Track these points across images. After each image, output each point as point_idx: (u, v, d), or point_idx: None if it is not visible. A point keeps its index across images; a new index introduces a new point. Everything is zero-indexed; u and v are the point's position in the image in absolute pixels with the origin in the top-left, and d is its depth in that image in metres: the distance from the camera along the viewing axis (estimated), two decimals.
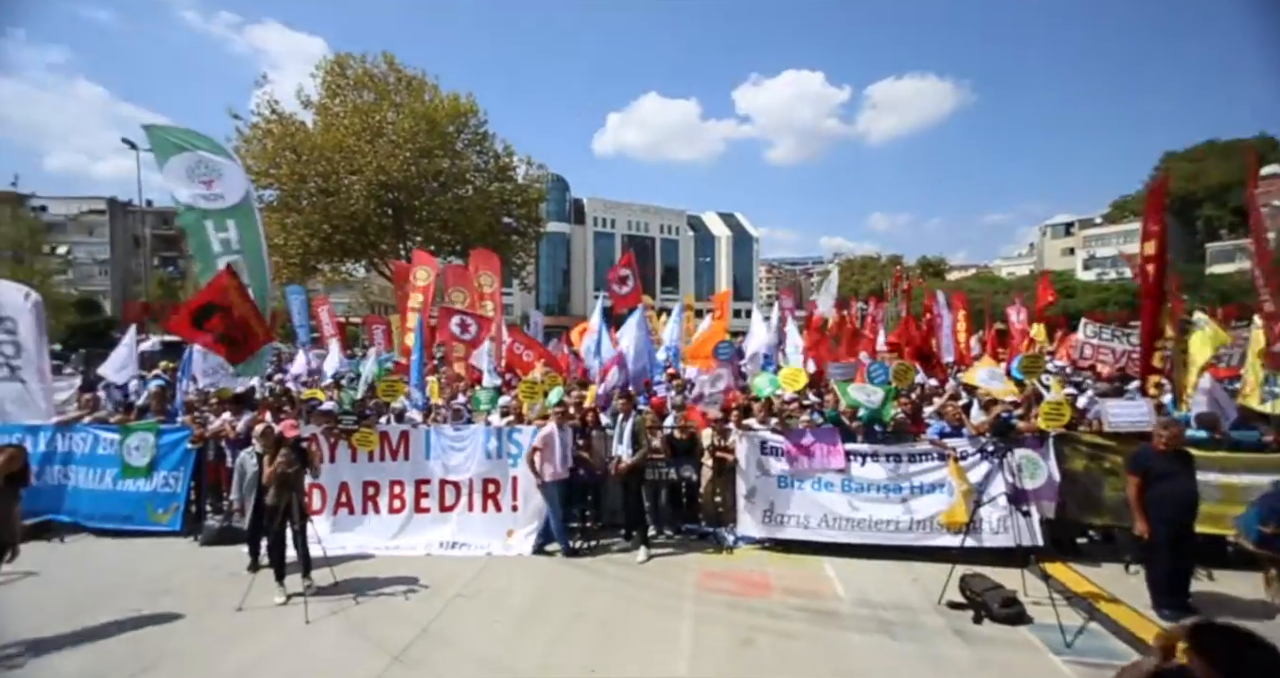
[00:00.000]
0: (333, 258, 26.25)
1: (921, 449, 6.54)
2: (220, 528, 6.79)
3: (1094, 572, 5.74)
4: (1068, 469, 6.19)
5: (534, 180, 29.16)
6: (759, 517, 6.75)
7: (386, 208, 25.24)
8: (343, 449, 6.90)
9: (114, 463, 7.11)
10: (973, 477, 6.21)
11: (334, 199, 23.43)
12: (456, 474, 6.98)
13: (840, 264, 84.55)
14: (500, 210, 27.73)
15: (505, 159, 27.62)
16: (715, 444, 7.27)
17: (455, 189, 26.15)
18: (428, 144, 23.96)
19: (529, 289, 41.60)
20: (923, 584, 5.61)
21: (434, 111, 24.37)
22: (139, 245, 55.51)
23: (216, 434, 7.25)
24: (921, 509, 6.37)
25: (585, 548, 6.74)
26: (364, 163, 22.90)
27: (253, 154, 23.09)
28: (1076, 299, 38.66)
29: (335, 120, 23.67)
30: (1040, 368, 8.33)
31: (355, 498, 6.89)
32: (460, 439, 7.06)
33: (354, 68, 24.77)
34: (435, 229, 26.13)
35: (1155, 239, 6.69)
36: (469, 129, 26.24)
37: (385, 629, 4.79)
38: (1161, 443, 5.06)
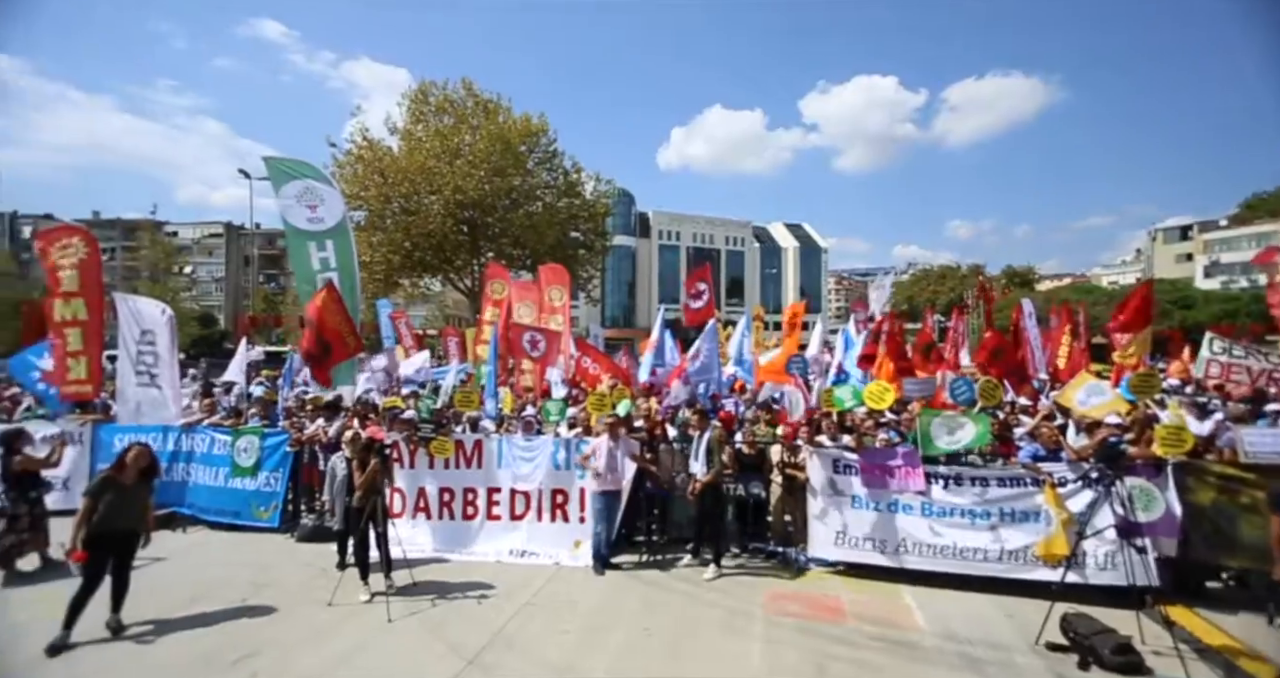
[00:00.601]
0: (413, 273, 27.90)
1: (1013, 473, 6.05)
2: (313, 526, 7.30)
3: (1229, 621, 5.05)
4: (1192, 503, 5.51)
5: (601, 196, 29.83)
6: (832, 538, 6.46)
7: (462, 225, 26.59)
8: (421, 456, 7.25)
9: (226, 462, 7.82)
10: (1073, 506, 5.66)
11: (415, 218, 24.98)
12: (526, 484, 7.14)
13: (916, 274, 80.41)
14: (568, 225, 28.54)
15: (574, 175, 28.47)
16: (785, 461, 7.05)
17: (526, 206, 27.19)
18: (501, 163, 25.11)
19: (594, 302, 42.40)
20: (1017, 621, 5.16)
21: (507, 132, 25.55)
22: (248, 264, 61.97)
23: (311, 439, 7.83)
24: (1013, 538, 5.88)
25: (650, 561, 6.70)
26: (443, 183, 24.31)
27: (345, 178, 25.06)
28: (1195, 310, 34.76)
29: (418, 144, 25.30)
30: (1154, 387, 7.53)
31: (432, 503, 7.19)
32: (530, 449, 7.24)
33: (435, 94, 26.43)
34: (507, 245, 27.21)
35: None
36: (540, 147, 27.28)
37: (460, 632, 4.95)
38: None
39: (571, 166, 28.36)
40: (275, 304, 47.18)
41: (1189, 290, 43.62)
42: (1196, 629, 4.88)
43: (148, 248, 46.24)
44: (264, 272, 63.74)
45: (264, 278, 63.09)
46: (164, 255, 46.29)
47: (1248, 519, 5.24)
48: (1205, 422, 7.27)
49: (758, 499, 7.10)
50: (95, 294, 8.60)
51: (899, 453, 6.41)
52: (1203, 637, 4.76)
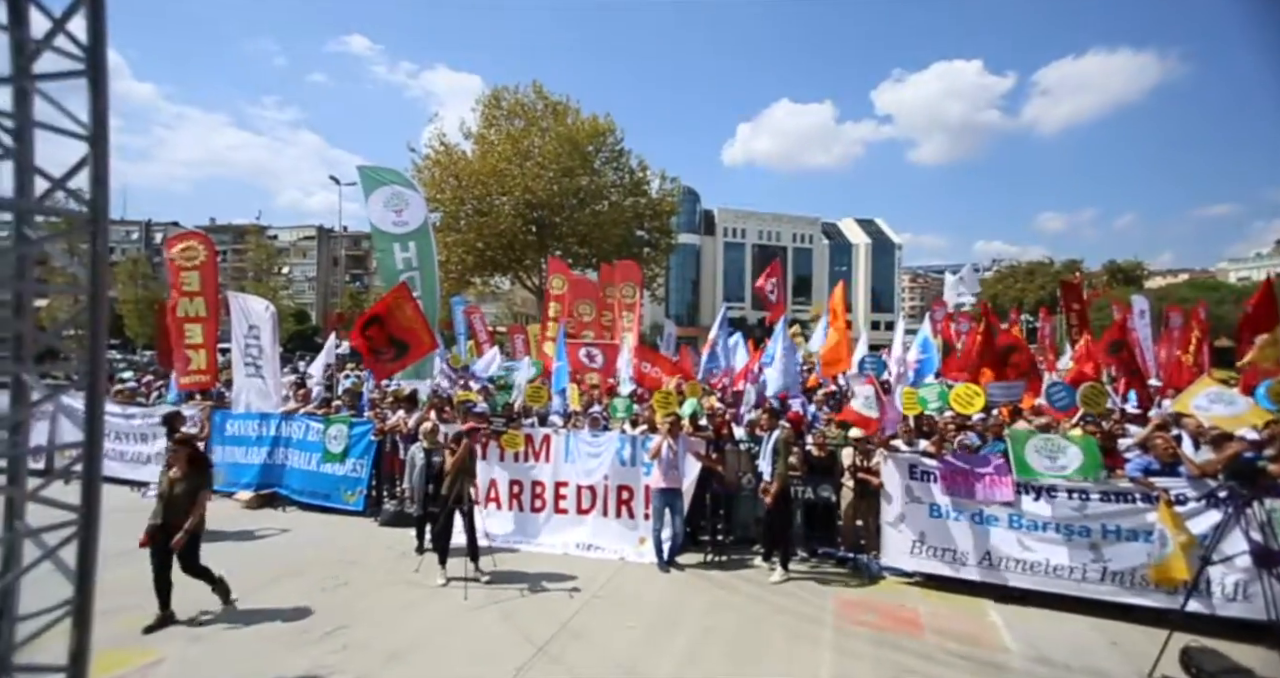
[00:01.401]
0: (484, 272, 29.03)
1: (1118, 487, 5.51)
2: (394, 512, 7.75)
3: None
4: None
5: (667, 194, 29.83)
6: (908, 547, 6.15)
7: (531, 225, 27.38)
8: (493, 449, 7.53)
9: (318, 449, 8.45)
10: (1195, 527, 5.08)
11: (486, 219, 25.98)
12: (592, 479, 7.26)
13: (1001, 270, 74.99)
14: (634, 224, 28.74)
15: (640, 174, 28.64)
16: (857, 465, 6.78)
17: (593, 205, 27.63)
18: (569, 164, 25.66)
19: (659, 301, 42.46)
20: (1123, 649, 4.71)
21: (575, 133, 26.06)
22: (336, 264, 66.90)
23: (393, 429, 8.31)
24: (1119, 558, 5.36)
25: (715, 561, 6.64)
26: (513, 184, 25.13)
27: (423, 182, 26.43)
28: None
29: (490, 147, 26.27)
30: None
31: (502, 494, 7.46)
32: (596, 445, 7.35)
33: (507, 99, 27.34)
34: (574, 244, 27.76)
35: None
36: (607, 147, 27.63)
37: (530, 621, 5.10)
38: None
39: (638, 165, 28.56)
40: (360, 302, 50.45)
41: None
42: None
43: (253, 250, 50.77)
44: (350, 271, 68.43)
45: (350, 277, 67.71)
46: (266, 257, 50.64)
47: None
48: None
49: (827, 503, 6.87)
50: (213, 293, 9.55)
51: (988, 460, 6.00)
52: None
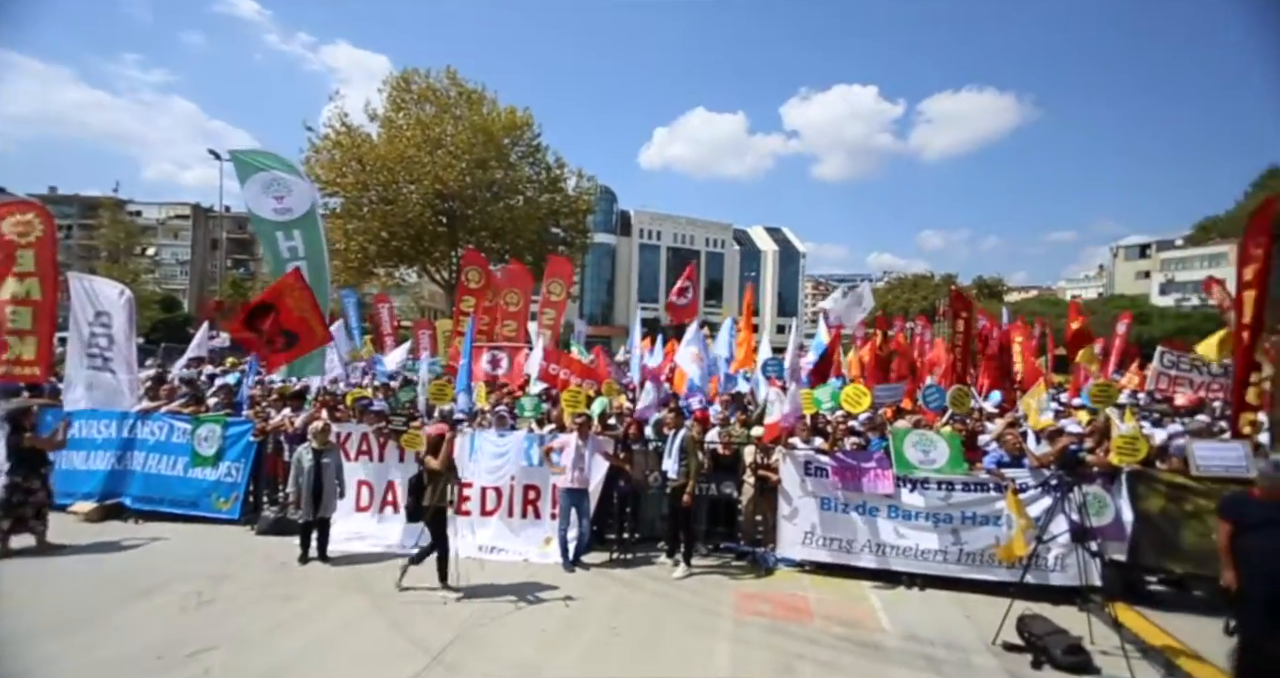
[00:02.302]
0: (389, 263, 27.39)
1: (977, 479, 6.22)
2: (275, 519, 7.11)
3: (1174, 623, 5.27)
4: (1142, 509, 5.75)
5: (583, 192, 29.71)
6: (800, 538, 6.56)
7: (441, 216, 26.21)
8: (391, 449, 7.12)
9: (185, 451, 7.56)
10: (1033, 511, 5.84)
11: (393, 207, 24.54)
12: (498, 479, 7.08)
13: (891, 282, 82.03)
14: (549, 220, 28.35)
15: (556, 171, 28.30)
16: (758, 462, 7.13)
17: (507, 199, 26.93)
18: (483, 155, 24.82)
19: (573, 299, 42.28)
20: (975, 621, 5.31)
21: (491, 124, 25.26)
22: (216, 248, 59.94)
23: (277, 428, 7.62)
24: (973, 541, 6.07)
25: (621, 560, 6.71)
26: (422, 172, 23.91)
27: (322, 164, 24.47)
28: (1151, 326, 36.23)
29: (398, 132, 24.84)
30: (1112, 397, 7.82)
31: (401, 497, 7.07)
32: (502, 445, 7.18)
33: (418, 82, 25.97)
34: (486, 238, 26.92)
35: (1258, 263, 6.11)
36: (523, 141, 27.05)
37: (424, 629, 4.87)
38: (1260, 491, 4.63)
39: (554, 162, 28.21)
40: (245, 290, 45.78)
41: (1146, 306, 45.50)
42: (1141, 630, 5.09)
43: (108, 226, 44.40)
44: (233, 256, 61.86)
45: (233, 263, 61.22)
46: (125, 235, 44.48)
47: (1190, 526, 5.49)
48: (1159, 431, 7.61)
49: (730, 499, 7.16)
50: (51, 273, 8.21)
51: (871, 456, 6.54)
52: (1147, 638, 4.96)
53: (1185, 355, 10.04)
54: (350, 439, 7.24)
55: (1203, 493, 5.49)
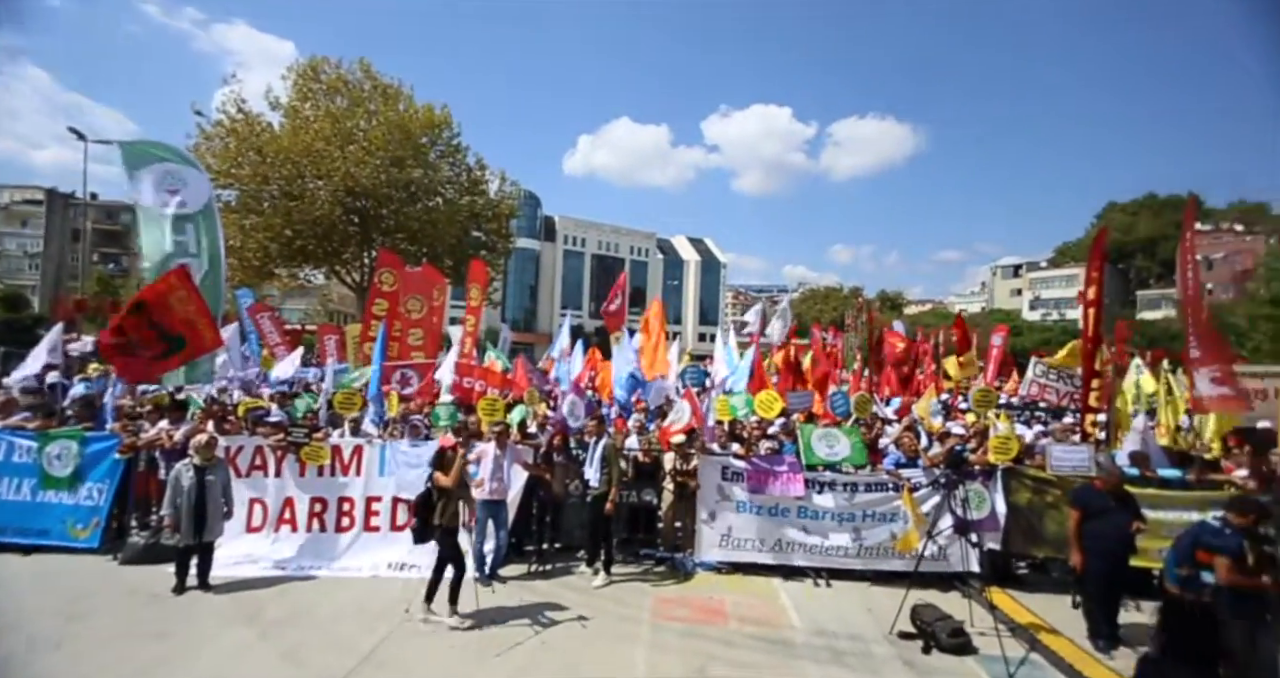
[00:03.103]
0: (292, 262, 25.41)
1: (879, 479, 6.70)
2: (146, 545, 6.32)
3: (1036, 602, 5.93)
4: (1013, 502, 6.43)
5: (506, 196, 29.08)
6: (717, 541, 6.77)
7: (353, 215, 24.68)
8: (290, 463, 6.59)
9: (32, 473, 6.58)
10: (925, 507, 6.38)
11: (298, 203, 22.80)
12: (411, 492, 6.72)
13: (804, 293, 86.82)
14: (470, 224, 27.47)
15: (478, 173, 27.51)
16: (677, 468, 7.26)
17: (425, 200, 25.81)
18: (399, 153, 23.66)
19: (494, 305, 41.13)
20: (876, 614, 5.69)
21: (408, 121, 24.14)
22: (78, 240, 52.52)
23: (150, 444, 6.82)
24: (872, 537, 6.54)
25: (540, 571, 6.59)
26: (332, 168, 22.42)
27: (214, 152, 22.33)
28: (1023, 338, 40.69)
29: (305, 124, 23.16)
30: (992, 402, 8.70)
31: (300, 515, 6.56)
32: (416, 456, 6.85)
33: (328, 73, 24.40)
34: (402, 240, 25.64)
35: (1095, 284, 7.15)
36: (442, 141, 26.05)
37: (324, 657, 4.53)
38: (1100, 482, 5.34)
39: (476, 163, 27.40)
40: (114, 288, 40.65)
41: (1019, 320, 51.19)
42: (1011, 610, 5.69)
43: None
44: (100, 249, 54.92)
45: (99, 257, 54.32)
46: None
47: (1051, 516, 6.22)
48: (1028, 431, 8.56)
49: (650, 506, 7.24)
50: None
51: (784, 460, 6.86)
52: (1015, 617, 5.56)
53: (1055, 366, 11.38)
54: (241, 453, 6.63)
55: (1060, 486, 6.23)
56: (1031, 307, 61.93)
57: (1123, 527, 5.08)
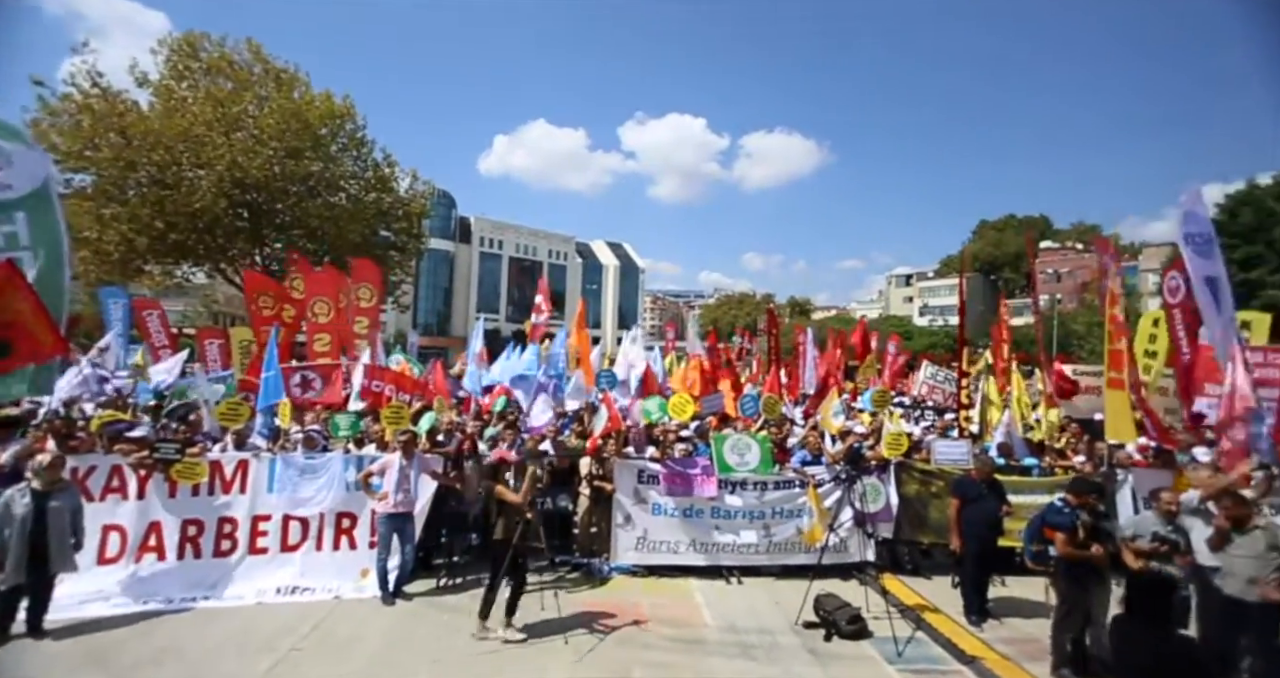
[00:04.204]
0: (165, 258, 22.74)
1: (786, 477, 7.02)
2: None
3: (923, 585, 6.47)
4: (904, 494, 6.98)
5: (417, 195, 27.74)
6: (633, 544, 6.79)
7: (241, 209, 22.51)
8: (158, 483, 5.86)
9: None
10: (828, 502, 6.77)
11: (172, 193, 20.40)
12: (306, 508, 6.24)
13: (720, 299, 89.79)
14: (377, 222, 25.92)
15: (386, 169, 26.02)
16: (593, 473, 7.23)
17: (327, 196, 24.05)
18: (296, 144, 21.85)
19: (404, 309, 39.02)
20: (783, 606, 5.94)
21: (305, 110, 22.33)
22: None
23: None
24: (780, 533, 6.83)
25: (449, 585, 6.31)
26: (215, 156, 20.28)
27: (60, 130, 19.53)
28: (914, 342, 44.52)
29: (181, 105, 20.81)
30: (888, 402, 9.41)
31: (169, 541, 5.84)
32: (313, 469, 6.35)
33: (209, 50, 22.10)
34: (300, 237, 23.71)
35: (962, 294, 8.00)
36: (345, 133, 24.40)
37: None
38: (975, 472, 5.94)
39: (384, 159, 25.92)
40: None
41: (911, 325, 56.00)
42: (901, 594, 6.17)
43: None
44: None
45: None
46: None
47: (935, 505, 6.81)
48: (917, 427, 9.35)
49: (565, 512, 7.15)
50: None
51: (698, 463, 7.02)
52: (904, 599, 6.03)
53: (943, 368, 12.55)
54: (94, 474, 5.80)
55: (942, 477, 6.85)
56: (921, 313, 67.85)
57: (993, 512, 5.68)
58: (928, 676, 4.70)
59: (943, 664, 4.87)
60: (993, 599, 5.84)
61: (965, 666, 4.84)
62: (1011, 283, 63.42)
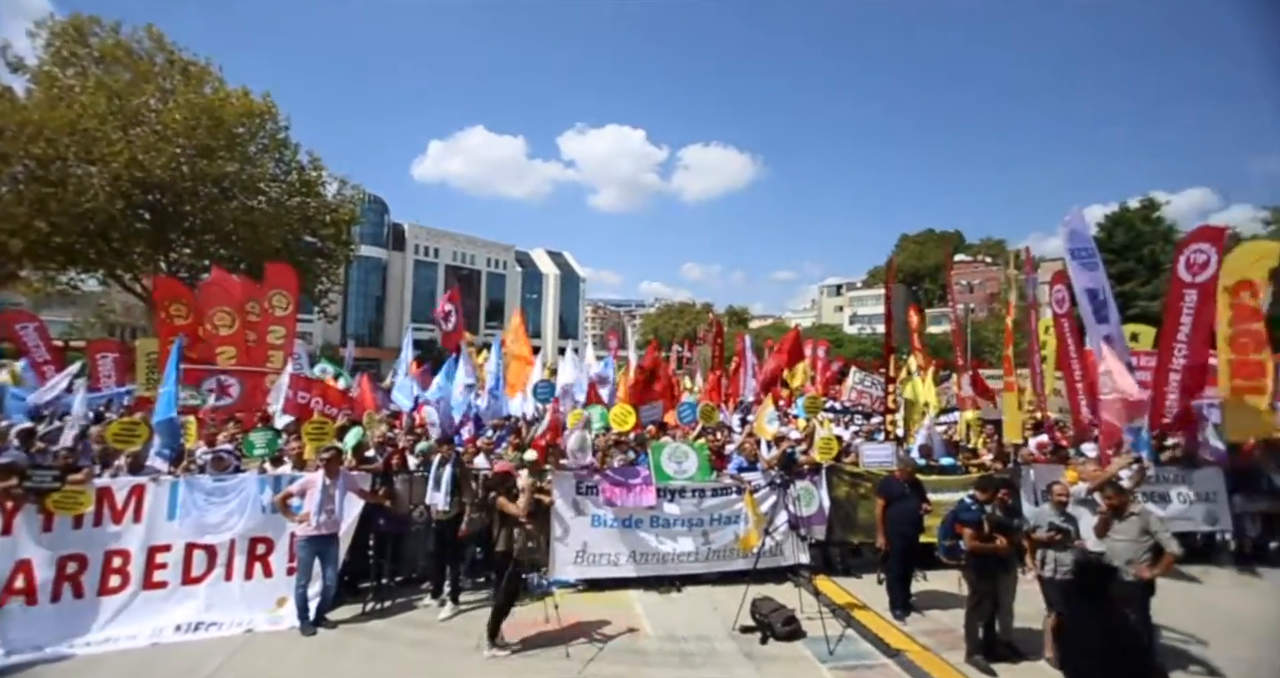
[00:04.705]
0: (47, 263, 20.50)
1: (724, 484, 7.12)
2: None
3: (853, 583, 6.72)
4: (835, 496, 7.25)
5: (346, 200, 26.46)
6: (572, 558, 6.66)
7: (141, 210, 20.66)
8: (29, 515, 5.19)
9: None
10: (764, 507, 6.92)
11: (56, 191, 18.42)
12: (214, 535, 5.73)
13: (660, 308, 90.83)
14: (302, 228, 24.49)
15: (313, 173, 24.66)
16: (532, 485, 7.05)
17: (244, 199, 22.49)
18: (209, 142, 20.30)
19: (331, 319, 36.95)
20: (721, 612, 5.99)
21: (218, 106, 20.84)
22: None
23: None
24: (718, 540, 6.90)
25: (377, 610, 5.96)
26: (110, 152, 18.50)
27: None
28: (845, 349, 46.71)
29: (67, 94, 18.90)
30: (819, 408, 9.77)
31: (41, 581, 5.14)
32: (222, 491, 5.86)
33: (100, 36, 20.26)
34: (211, 242, 22.02)
35: (888, 303, 8.49)
36: (265, 133, 22.97)
37: None
38: (898, 473, 6.25)
39: (309, 162, 24.58)
40: None
41: (842, 334, 58.75)
42: (832, 593, 6.38)
43: None
44: None
45: None
46: None
47: (863, 506, 7.11)
48: (846, 432, 9.76)
49: None
50: None
51: (638, 472, 7.00)
52: (835, 599, 6.24)
53: (871, 374, 13.17)
54: None
55: (869, 479, 7.16)
56: (851, 322, 71.29)
57: (914, 510, 6.00)
58: (856, 672, 4.86)
59: (870, 659, 5.06)
60: (915, 593, 6.14)
61: (890, 659, 5.05)
62: (931, 293, 67.83)
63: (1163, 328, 7.77)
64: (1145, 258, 33.14)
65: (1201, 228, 7.82)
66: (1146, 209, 35.70)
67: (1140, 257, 33.38)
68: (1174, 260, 7.62)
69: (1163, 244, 32.33)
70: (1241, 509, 7.37)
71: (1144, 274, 32.94)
